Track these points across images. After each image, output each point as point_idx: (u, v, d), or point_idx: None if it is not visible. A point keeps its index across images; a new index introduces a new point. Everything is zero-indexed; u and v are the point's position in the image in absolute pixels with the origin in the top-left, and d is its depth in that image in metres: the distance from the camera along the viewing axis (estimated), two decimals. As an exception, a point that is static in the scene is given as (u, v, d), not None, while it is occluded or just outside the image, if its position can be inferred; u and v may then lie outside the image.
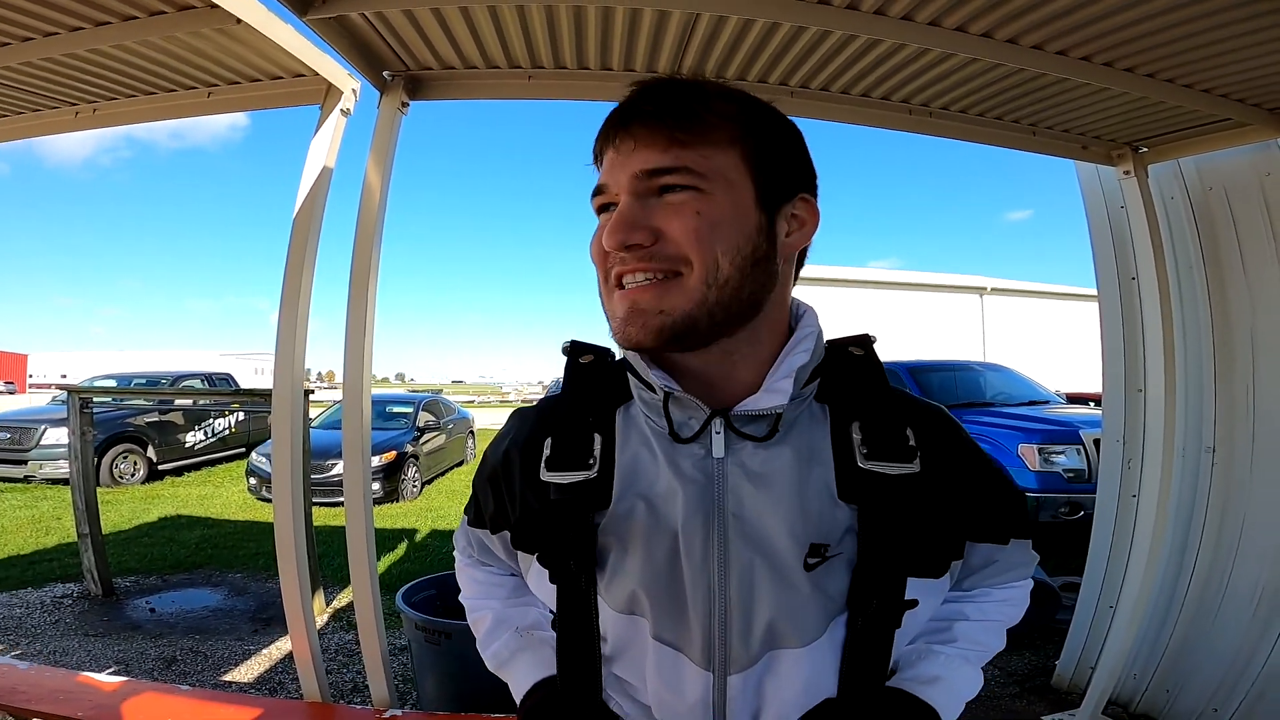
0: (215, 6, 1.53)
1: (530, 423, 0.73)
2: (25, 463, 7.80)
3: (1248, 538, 2.41)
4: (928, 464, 0.63)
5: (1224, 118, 2.06)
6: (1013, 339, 15.90)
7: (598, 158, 0.65)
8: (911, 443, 0.64)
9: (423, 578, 2.73)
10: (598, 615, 0.65)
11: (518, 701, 0.74)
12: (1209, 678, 2.44)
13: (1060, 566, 4.19)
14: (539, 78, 1.90)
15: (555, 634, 0.70)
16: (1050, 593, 3.44)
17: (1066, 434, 4.83)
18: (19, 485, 7.73)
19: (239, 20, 1.56)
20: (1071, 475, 4.68)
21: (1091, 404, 6.55)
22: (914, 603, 0.62)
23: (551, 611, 0.69)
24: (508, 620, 0.81)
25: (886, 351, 0.73)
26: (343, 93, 1.93)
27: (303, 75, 1.89)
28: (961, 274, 17.25)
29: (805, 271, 0.71)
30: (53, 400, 9.91)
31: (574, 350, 0.72)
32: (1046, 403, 6.01)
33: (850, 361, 0.68)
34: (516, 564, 0.77)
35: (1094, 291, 2.87)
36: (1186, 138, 2.28)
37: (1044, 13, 1.54)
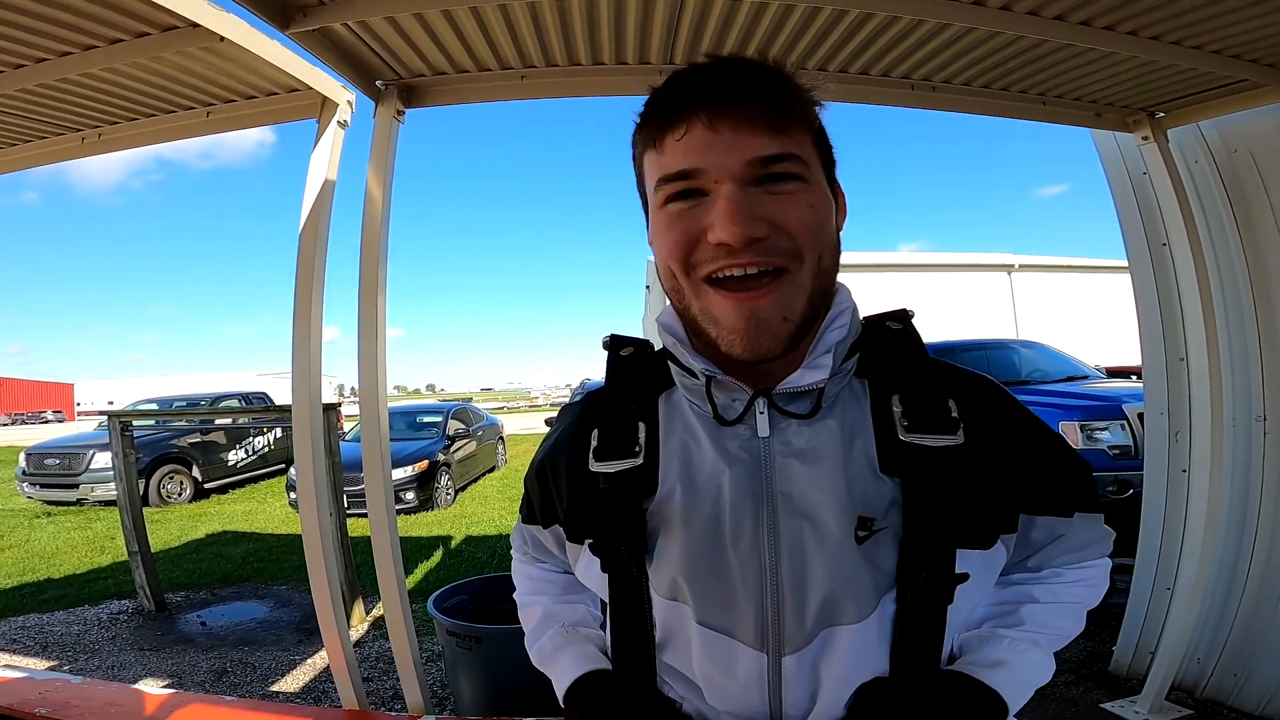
0: (197, 26, 1.54)
1: (576, 416, 0.74)
2: (76, 486, 8.11)
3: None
4: (972, 435, 0.62)
5: (1239, 79, 1.99)
6: (1046, 315, 15.40)
7: (659, 136, 0.58)
8: (954, 414, 0.63)
9: (454, 583, 2.75)
10: (650, 602, 0.64)
11: (560, 696, 0.73)
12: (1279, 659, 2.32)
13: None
14: (531, 77, 1.89)
15: (602, 632, 0.70)
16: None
17: (1109, 409, 4.57)
18: (73, 508, 8.04)
19: (222, 38, 1.57)
20: (1117, 452, 4.42)
21: (1133, 377, 6.30)
22: (965, 576, 0.59)
23: (602, 603, 0.70)
24: (555, 615, 0.81)
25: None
26: (338, 105, 1.94)
27: (296, 90, 1.91)
28: (988, 252, 16.79)
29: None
30: (99, 426, 10.28)
31: (614, 344, 0.74)
32: (1085, 378, 5.77)
33: (888, 336, 0.68)
34: (569, 558, 0.77)
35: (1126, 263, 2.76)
36: (1202, 100, 2.22)
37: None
